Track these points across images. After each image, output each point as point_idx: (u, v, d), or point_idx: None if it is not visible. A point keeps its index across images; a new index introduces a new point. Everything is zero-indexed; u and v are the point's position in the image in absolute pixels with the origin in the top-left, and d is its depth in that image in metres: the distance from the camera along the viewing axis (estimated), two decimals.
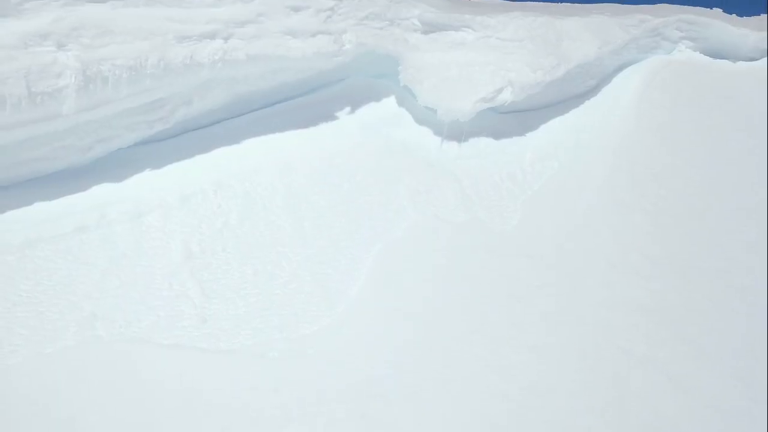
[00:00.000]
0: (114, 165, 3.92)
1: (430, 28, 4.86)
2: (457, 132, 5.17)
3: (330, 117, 4.69)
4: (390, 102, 5.01)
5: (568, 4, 6.49)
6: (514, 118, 5.85)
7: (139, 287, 3.40)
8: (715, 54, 7.46)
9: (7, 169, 3.51)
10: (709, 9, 7.56)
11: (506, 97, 5.05)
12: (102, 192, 3.77)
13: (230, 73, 3.71)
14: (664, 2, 7.57)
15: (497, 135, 5.56)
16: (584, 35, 5.67)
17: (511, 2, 5.99)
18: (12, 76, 2.92)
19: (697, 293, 4.66)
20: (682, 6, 7.46)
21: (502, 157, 5.44)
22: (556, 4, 6.09)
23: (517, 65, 5.03)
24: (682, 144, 6.26)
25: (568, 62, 5.41)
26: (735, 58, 7.36)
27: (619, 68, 6.93)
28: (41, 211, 3.58)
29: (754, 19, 7.83)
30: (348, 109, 4.80)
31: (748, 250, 5.15)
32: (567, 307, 4.30)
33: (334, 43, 4.01)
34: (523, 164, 5.49)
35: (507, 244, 4.73)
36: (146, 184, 3.87)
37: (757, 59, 7.38)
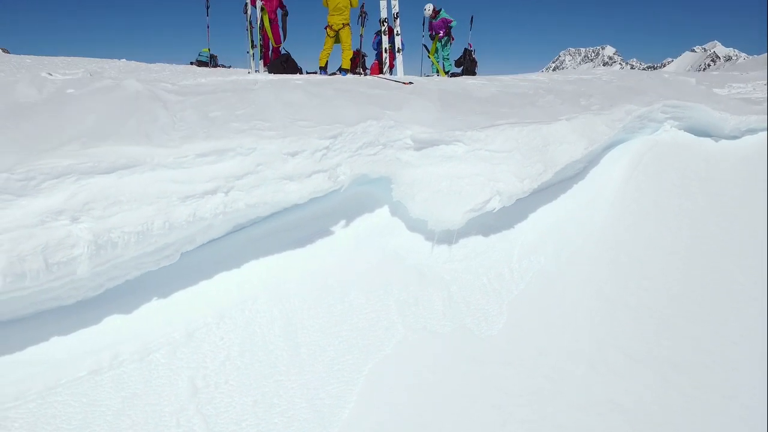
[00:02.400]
0: (123, 293, 4.20)
1: (422, 145, 5.12)
2: (448, 235, 5.45)
3: (325, 232, 4.95)
4: (383, 212, 5.27)
5: (559, 105, 6.73)
6: (503, 210, 6.09)
7: (150, 426, 3.70)
8: (699, 131, 7.74)
9: (24, 307, 3.78)
10: (693, 95, 7.86)
11: (494, 205, 5.33)
12: (113, 325, 4.03)
13: (231, 220, 3.98)
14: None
15: (487, 231, 5.82)
16: (570, 137, 5.94)
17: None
18: (31, 252, 3.19)
19: (677, 391, 4.96)
20: (664, 94, 7.75)
21: (491, 255, 5.71)
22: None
23: (505, 175, 5.31)
24: (665, 231, 6.56)
25: (555, 165, 5.69)
26: (718, 136, 7.64)
27: (607, 149, 7.21)
28: (58, 348, 3.86)
29: (734, 101, 8.12)
30: (343, 222, 5.07)
31: (733, 346, 5.41)
32: (545, 415, 4.60)
33: (329, 179, 4.27)
34: (510, 262, 5.76)
35: (491, 352, 5.02)
36: (154, 316, 4.14)
37: (738, 138, 7.66)
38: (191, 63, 8.89)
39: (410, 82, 7.44)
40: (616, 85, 8.61)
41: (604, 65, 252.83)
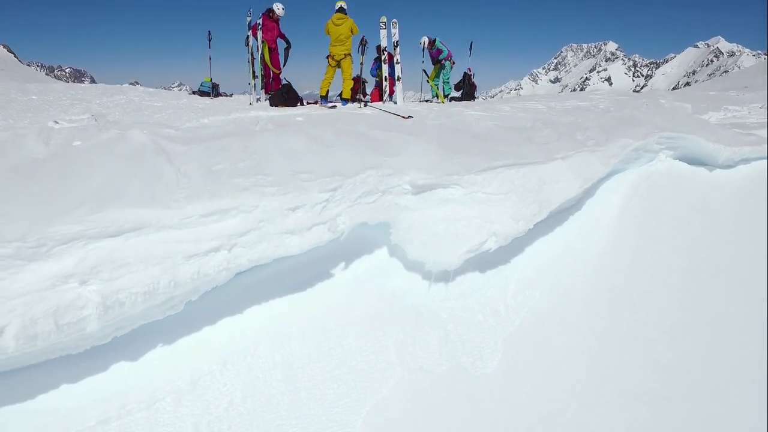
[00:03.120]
0: (130, 340, 4.34)
1: (420, 189, 5.27)
2: (445, 274, 5.59)
3: (325, 275, 5.09)
4: (382, 253, 5.41)
5: (555, 141, 6.85)
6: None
7: None
8: (694, 160, 7.87)
9: (34, 357, 3.93)
10: (688, 124, 8.00)
11: (490, 245, 5.47)
12: (120, 373, 4.18)
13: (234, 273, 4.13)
14: None
15: (483, 267, 5.94)
16: (566, 175, 6.08)
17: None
18: (42, 315, 3.35)
19: (670, 427, 5.08)
20: (659, 125, 7.87)
21: (487, 292, 5.84)
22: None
23: (501, 217, 5.45)
24: (660, 264, 6.68)
25: (551, 205, 5.83)
26: (712, 165, 7.76)
27: (603, 179, 7.32)
28: (67, 396, 4.01)
29: (728, 130, 8.24)
30: (342, 264, 5.21)
31: (729, 379, 5.52)
32: None
33: (329, 230, 4.41)
34: (506, 298, 5.89)
35: (486, 390, 5.15)
36: (160, 364, 4.29)
37: (732, 167, 7.78)
38: (193, 92, 9.03)
39: (409, 116, 7.58)
40: (613, 115, 8.74)
41: (606, 61, 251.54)
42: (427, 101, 11.32)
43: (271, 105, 8.15)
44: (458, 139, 6.49)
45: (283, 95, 8.11)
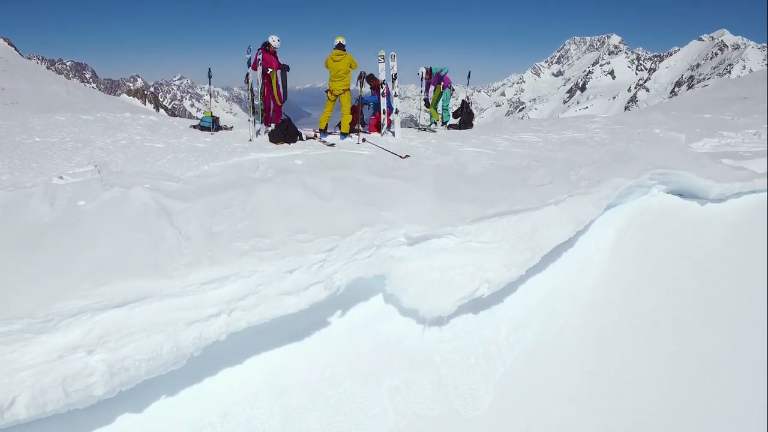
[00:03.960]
0: (134, 393, 4.51)
1: (414, 241, 5.44)
2: (439, 319, 5.75)
3: (322, 324, 5.27)
4: (377, 300, 5.60)
5: (549, 184, 6.95)
6: None
7: None
8: (686, 193, 8.01)
9: (42, 414, 4.12)
10: (680, 158, 8.14)
11: (483, 292, 5.65)
12: (125, 426, 4.37)
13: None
14: None
15: (476, 308, 6.10)
16: (559, 219, 6.24)
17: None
18: (51, 385, 3.56)
19: None
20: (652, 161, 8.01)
21: (480, 333, 6.00)
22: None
23: (494, 265, 5.63)
24: (650, 302, 6.80)
25: (543, 250, 6.00)
26: (704, 198, 7.89)
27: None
28: None
29: (720, 165, 8.36)
30: (339, 312, 5.39)
31: (719, 419, 5.63)
32: None
33: (325, 288, 4.60)
34: (498, 339, 6.05)
35: None
36: (163, 417, 4.47)
37: (724, 201, 7.90)
38: (193, 127, 9.23)
39: (407, 155, 7.76)
40: (607, 149, 8.90)
41: (609, 54, 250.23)
42: (424, 129, 11.51)
43: (270, 141, 8.35)
44: (454, 183, 6.65)
45: (282, 132, 8.30)
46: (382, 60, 10.04)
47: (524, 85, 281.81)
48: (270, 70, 9.05)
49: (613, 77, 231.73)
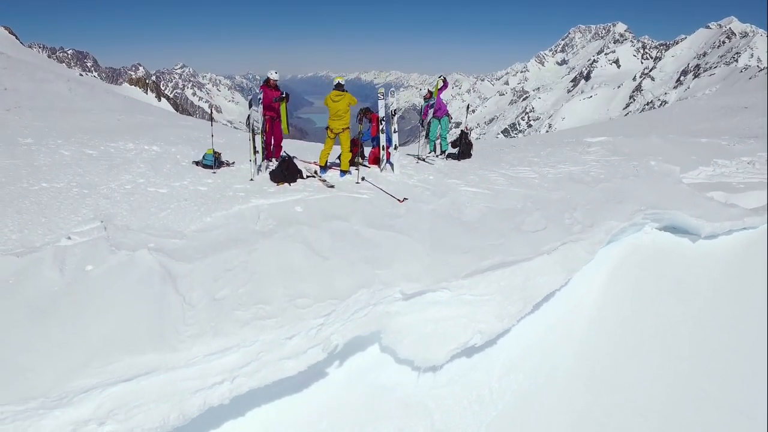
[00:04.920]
0: None
1: (410, 296, 5.67)
2: (433, 367, 5.97)
3: (320, 374, 5.49)
4: (374, 349, 5.82)
5: (541, 233, 7.15)
6: None
7: None
8: (679, 229, 8.19)
9: None
10: (674, 196, 8.33)
11: (476, 341, 5.87)
12: None
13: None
14: None
15: (470, 352, 6.30)
16: (552, 268, 6.47)
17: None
18: None
19: None
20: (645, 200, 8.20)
21: (473, 376, 6.21)
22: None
23: (486, 316, 5.87)
24: (640, 343, 6.99)
25: (534, 299, 6.22)
26: (696, 235, 8.07)
27: None
28: None
29: (713, 203, 8.54)
30: (336, 363, 5.61)
31: None
32: None
33: (323, 350, 4.83)
34: (491, 382, 6.26)
35: None
36: None
37: (715, 237, 8.08)
38: (195, 163, 9.47)
39: (405, 199, 8.01)
40: (602, 188, 9.10)
41: (614, 42, 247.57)
42: (422, 160, 11.77)
43: (271, 180, 8.59)
44: (449, 231, 6.90)
45: (282, 172, 8.54)
46: (382, 97, 10.32)
47: (528, 74, 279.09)
48: (276, 99, 9.30)
49: (618, 66, 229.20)
